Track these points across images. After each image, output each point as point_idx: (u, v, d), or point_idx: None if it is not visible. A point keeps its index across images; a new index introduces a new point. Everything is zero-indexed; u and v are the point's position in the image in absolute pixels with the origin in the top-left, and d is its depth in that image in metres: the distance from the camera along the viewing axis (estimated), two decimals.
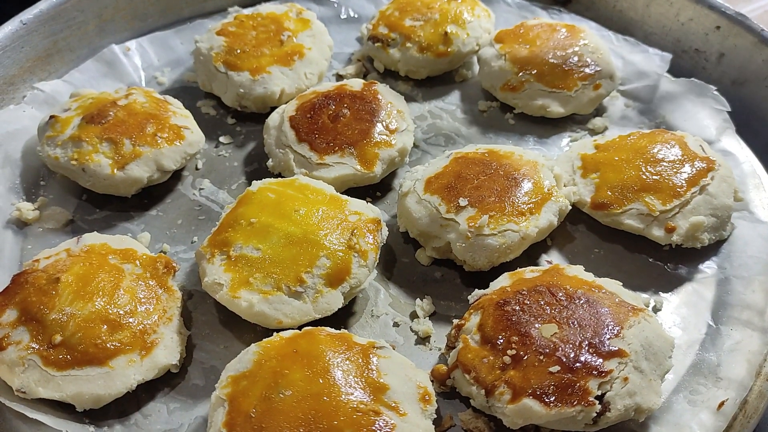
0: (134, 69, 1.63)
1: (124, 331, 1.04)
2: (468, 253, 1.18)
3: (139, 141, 1.31)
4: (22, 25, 1.51)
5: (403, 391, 0.97)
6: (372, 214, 1.21)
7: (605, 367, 0.96)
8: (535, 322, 1.02)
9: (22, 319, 1.03)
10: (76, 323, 1.03)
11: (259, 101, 1.50)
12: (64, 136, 1.32)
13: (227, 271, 1.11)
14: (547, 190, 1.24)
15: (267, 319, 1.08)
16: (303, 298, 1.09)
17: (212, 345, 1.14)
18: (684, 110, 1.51)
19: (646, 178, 1.25)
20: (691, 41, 1.64)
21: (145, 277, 1.13)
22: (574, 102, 1.50)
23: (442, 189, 1.24)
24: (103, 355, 1.01)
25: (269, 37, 1.57)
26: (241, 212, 1.18)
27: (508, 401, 0.96)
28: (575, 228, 1.31)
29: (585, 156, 1.33)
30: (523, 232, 1.18)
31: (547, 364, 0.97)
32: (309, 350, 1.00)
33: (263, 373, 0.97)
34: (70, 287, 1.06)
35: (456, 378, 1.04)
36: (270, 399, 0.93)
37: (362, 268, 1.14)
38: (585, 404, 0.93)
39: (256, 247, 1.13)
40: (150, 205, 1.36)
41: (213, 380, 1.08)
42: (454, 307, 1.20)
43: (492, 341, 1.02)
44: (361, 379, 0.97)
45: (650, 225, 1.22)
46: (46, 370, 1.00)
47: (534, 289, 1.08)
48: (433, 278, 1.24)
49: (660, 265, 1.24)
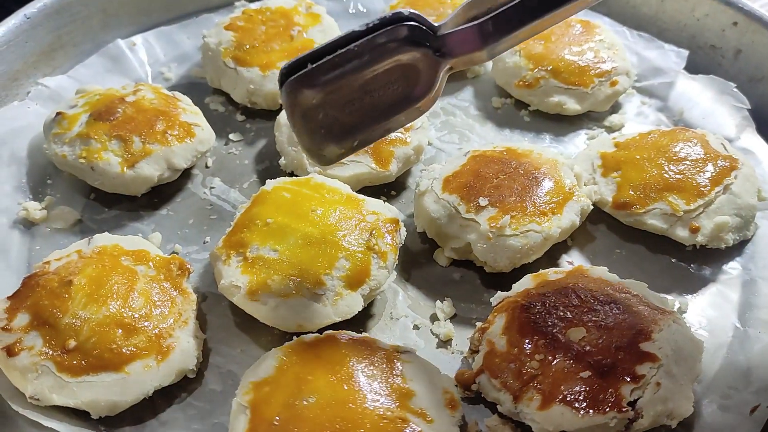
0: (140, 64, 1.59)
1: (139, 335, 1.01)
2: (489, 254, 1.16)
3: (148, 139, 1.28)
4: (25, 19, 1.48)
5: (428, 397, 0.95)
6: (390, 214, 1.18)
7: (638, 373, 0.93)
8: (563, 325, 1.00)
9: (35, 323, 1.00)
10: (91, 327, 0.99)
11: (270, 98, 1.47)
12: (72, 133, 1.28)
13: (244, 272, 1.08)
14: (568, 189, 1.21)
15: (286, 323, 1.05)
16: (323, 301, 1.06)
17: (228, 349, 1.11)
18: (702, 107, 1.49)
19: (669, 177, 1.23)
20: (707, 37, 1.62)
21: (159, 279, 1.10)
22: (591, 99, 1.47)
23: (461, 188, 1.21)
24: (118, 360, 0.98)
25: (279, 32, 1.54)
26: (256, 212, 1.15)
27: (537, 407, 0.94)
28: (595, 228, 1.29)
29: (605, 154, 1.31)
30: (545, 232, 1.15)
31: (577, 369, 0.95)
32: (332, 355, 0.97)
33: (286, 379, 0.95)
34: (83, 290, 1.03)
35: (482, 383, 1.01)
36: (294, 406, 0.91)
37: (382, 270, 1.11)
38: (618, 411, 0.90)
39: (273, 248, 1.10)
40: (160, 205, 1.33)
41: (231, 385, 1.06)
42: (474, 309, 1.17)
43: (518, 345, 1.00)
44: (386, 385, 0.95)
45: (674, 225, 1.20)
46: (60, 376, 0.96)
47: (559, 291, 1.05)
48: (451, 279, 1.22)
49: (683, 266, 1.22)
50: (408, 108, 0.93)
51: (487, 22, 0.88)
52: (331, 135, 0.91)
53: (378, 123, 0.94)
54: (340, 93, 0.87)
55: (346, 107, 0.89)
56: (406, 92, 0.92)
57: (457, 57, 0.91)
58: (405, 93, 0.92)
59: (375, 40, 0.85)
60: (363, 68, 0.86)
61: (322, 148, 0.92)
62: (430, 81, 0.91)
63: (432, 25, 0.90)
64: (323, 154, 0.93)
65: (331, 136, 0.91)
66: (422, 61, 0.90)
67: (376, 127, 0.94)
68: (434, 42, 0.89)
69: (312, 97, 0.85)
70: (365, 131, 0.93)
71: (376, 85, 0.89)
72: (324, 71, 0.84)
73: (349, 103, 0.89)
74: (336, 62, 0.84)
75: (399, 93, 0.92)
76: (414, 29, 0.87)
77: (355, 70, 0.86)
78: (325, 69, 0.84)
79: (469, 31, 0.88)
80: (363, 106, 0.90)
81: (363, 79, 0.87)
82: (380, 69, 0.88)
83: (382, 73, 0.88)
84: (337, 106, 0.88)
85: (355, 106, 0.90)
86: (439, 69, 0.91)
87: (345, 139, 0.93)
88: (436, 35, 0.89)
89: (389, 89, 0.90)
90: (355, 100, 0.89)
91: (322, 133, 0.90)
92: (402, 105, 0.93)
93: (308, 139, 0.91)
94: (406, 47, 0.87)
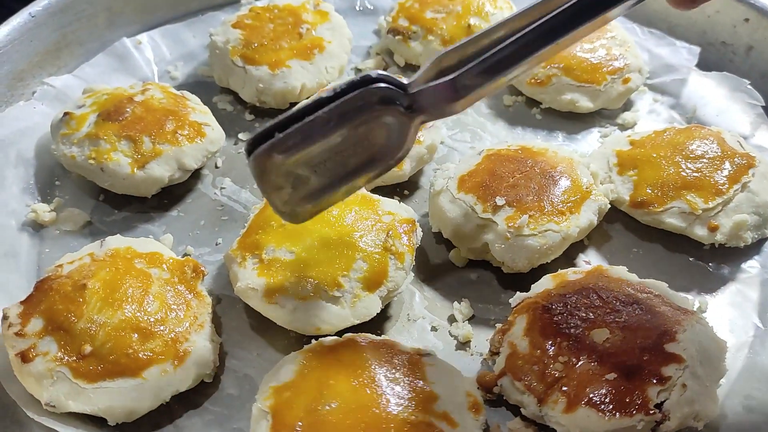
0: (146, 63, 1.57)
1: (155, 339, 0.99)
2: (507, 254, 1.14)
3: (159, 139, 1.26)
4: (30, 17, 1.45)
5: (452, 401, 0.94)
6: (406, 214, 1.16)
7: (664, 374, 0.92)
8: (585, 326, 0.99)
9: (49, 328, 0.98)
10: (106, 332, 0.98)
11: (279, 96, 1.45)
12: (80, 133, 1.26)
13: (261, 275, 1.06)
14: (585, 188, 1.20)
15: (304, 326, 1.04)
16: (341, 303, 1.05)
17: (244, 352, 1.09)
18: (716, 105, 1.48)
19: (687, 175, 1.21)
20: (718, 33, 1.61)
21: (173, 282, 1.08)
22: (604, 96, 1.46)
23: (477, 187, 1.20)
24: (135, 365, 0.96)
25: (287, 29, 1.52)
26: (271, 213, 1.13)
27: (562, 410, 0.92)
28: (611, 227, 1.27)
29: (621, 153, 1.30)
30: (564, 232, 1.14)
31: (602, 370, 0.93)
32: (353, 359, 0.96)
33: (307, 384, 0.93)
34: (98, 294, 1.01)
35: (504, 385, 1.00)
36: (316, 411, 0.89)
37: (399, 271, 1.09)
38: (645, 413, 0.89)
39: (289, 249, 1.08)
40: (170, 206, 1.31)
41: (248, 390, 1.04)
42: (492, 310, 1.16)
43: (541, 347, 0.98)
44: (409, 388, 0.93)
45: (692, 224, 1.19)
46: (77, 382, 0.95)
47: (580, 291, 1.04)
48: (468, 280, 1.20)
49: (701, 265, 1.21)
50: (379, 164, 0.93)
51: (460, 77, 0.86)
52: (303, 197, 0.91)
53: (349, 180, 0.93)
54: (309, 158, 0.87)
55: (316, 169, 0.89)
56: (378, 149, 0.91)
57: (430, 112, 0.90)
58: (376, 150, 0.91)
59: (344, 106, 0.84)
60: (331, 133, 0.85)
61: (295, 209, 0.93)
62: (402, 136, 0.91)
63: (401, 83, 0.89)
64: (297, 214, 0.94)
65: (303, 197, 0.92)
66: (393, 120, 0.89)
67: (348, 184, 0.94)
68: (405, 100, 0.88)
69: (281, 165, 0.85)
70: (337, 190, 0.93)
71: (346, 146, 0.89)
72: (292, 139, 0.83)
73: (319, 165, 0.89)
74: (304, 130, 0.83)
75: (370, 151, 0.91)
76: (383, 90, 0.86)
77: (323, 136, 0.85)
78: (293, 137, 0.83)
79: (442, 87, 0.87)
80: (333, 167, 0.90)
81: (332, 143, 0.87)
82: (350, 131, 0.87)
83: (351, 134, 0.87)
84: (307, 170, 0.88)
85: (326, 167, 0.89)
86: (411, 125, 0.91)
87: (316, 198, 0.93)
88: (407, 92, 0.88)
89: (360, 148, 0.90)
90: (325, 161, 0.89)
91: (294, 196, 0.90)
92: (373, 162, 0.93)
93: (280, 204, 0.91)
94: (376, 109, 0.86)
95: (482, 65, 0.87)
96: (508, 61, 0.88)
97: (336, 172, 0.91)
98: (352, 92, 0.84)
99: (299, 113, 0.84)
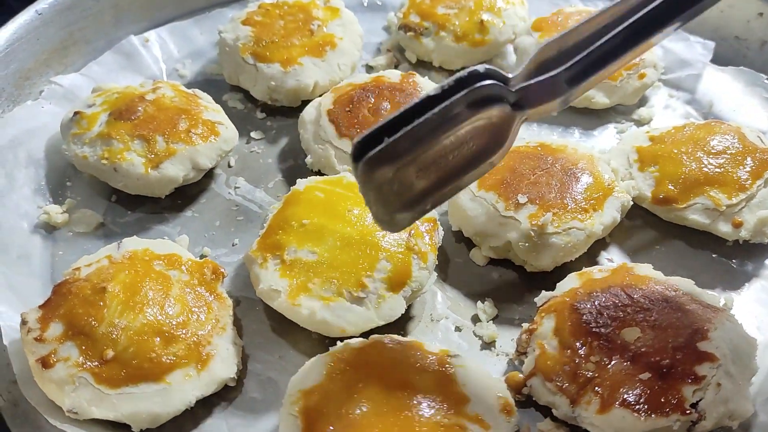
0: (154, 61, 1.54)
1: (178, 343, 0.97)
2: (531, 253, 1.13)
3: (172, 138, 1.24)
4: (37, 15, 1.42)
5: (483, 403, 0.92)
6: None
7: (698, 373, 0.91)
8: (616, 325, 0.97)
9: (69, 333, 0.96)
10: (128, 336, 0.95)
11: (291, 94, 1.43)
12: (92, 133, 1.24)
13: (283, 276, 1.05)
14: (607, 185, 1.19)
15: (329, 328, 1.02)
16: (365, 304, 1.03)
17: (267, 355, 1.07)
18: (732, 100, 1.47)
19: (709, 171, 1.20)
20: (731, 29, 1.60)
21: (193, 285, 1.06)
22: (620, 92, 1.44)
23: (498, 185, 1.18)
24: (158, 370, 0.94)
25: (298, 26, 1.49)
26: (290, 213, 1.11)
27: (596, 411, 0.91)
28: (632, 223, 1.26)
29: (641, 149, 1.28)
30: (588, 229, 1.13)
31: (635, 370, 0.92)
32: (382, 361, 0.94)
33: (336, 387, 0.91)
34: (118, 297, 0.99)
35: (534, 386, 0.98)
36: (347, 415, 0.87)
37: (422, 271, 1.08)
38: (681, 413, 0.88)
39: (311, 250, 1.06)
40: (184, 206, 1.29)
41: (271, 393, 1.03)
42: (516, 309, 1.14)
43: (572, 347, 0.97)
44: (440, 391, 0.92)
45: (716, 220, 1.18)
46: (99, 388, 0.92)
47: (608, 290, 1.03)
48: (490, 279, 1.19)
49: (725, 262, 1.20)
50: (481, 164, 0.89)
51: (564, 72, 0.84)
52: (403, 203, 0.86)
53: (450, 184, 0.89)
54: (416, 162, 0.83)
55: (420, 174, 0.84)
56: (480, 149, 0.88)
57: (535, 109, 0.87)
58: (478, 150, 0.88)
59: (453, 107, 0.80)
60: (441, 135, 0.82)
61: (394, 216, 0.87)
62: (504, 134, 0.88)
63: (505, 76, 0.86)
64: (395, 222, 0.88)
65: (403, 203, 0.87)
66: (499, 118, 0.86)
67: (448, 188, 0.89)
68: (510, 96, 0.85)
69: (389, 171, 0.81)
70: (437, 194, 0.89)
71: (452, 148, 0.85)
72: (402, 144, 0.78)
73: (423, 170, 0.84)
74: (414, 133, 0.79)
75: (473, 151, 0.87)
76: (492, 88, 0.82)
77: (433, 139, 0.81)
78: (403, 141, 0.78)
79: (547, 83, 0.85)
80: (437, 171, 0.86)
81: (440, 146, 0.83)
82: (457, 133, 0.83)
83: (458, 136, 0.84)
84: (411, 175, 0.84)
85: (429, 171, 0.85)
86: (514, 122, 0.88)
87: (417, 204, 0.88)
88: (511, 89, 0.85)
89: (464, 149, 0.86)
90: (429, 165, 0.84)
91: (395, 203, 0.85)
92: (475, 162, 0.89)
93: (381, 210, 0.86)
94: (485, 108, 0.83)
95: (586, 61, 0.85)
96: (612, 55, 0.85)
97: (439, 175, 0.87)
98: (461, 91, 0.80)
99: (407, 114, 0.79)
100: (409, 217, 0.89)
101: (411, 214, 0.89)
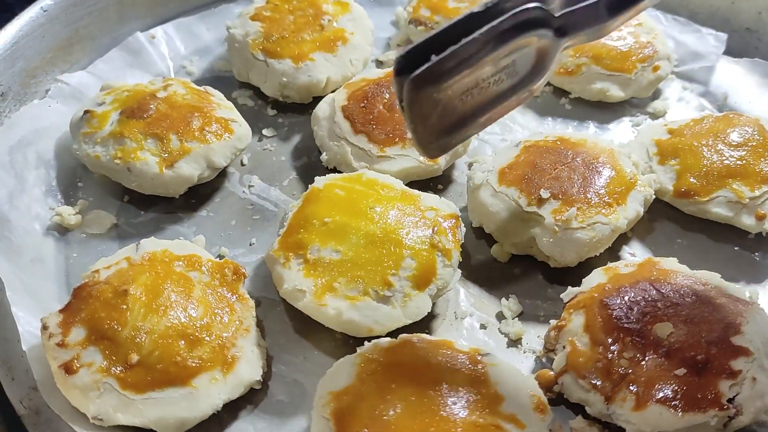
0: (161, 58, 1.51)
1: (203, 346, 0.95)
2: (556, 248, 1.11)
3: (186, 136, 1.21)
4: (42, 12, 1.39)
5: (517, 402, 0.91)
6: (449, 210, 1.13)
7: (734, 368, 0.90)
8: (647, 321, 0.96)
9: (92, 337, 0.93)
10: (152, 340, 0.93)
11: (303, 90, 1.41)
12: (103, 132, 1.21)
13: (307, 276, 1.03)
14: (629, 178, 1.18)
15: (357, 328, 1.00)
16: (392, 303, 1.01)
17: (291, 356, 1.05)
18: (747, 92, 1.46)
19: (730, 163, 1.20)
20: (741, 20, 1.59)
21: (215, 286, 1.03)
22: (634, 85, 1.44)
23: (519, 180, 1.17)
24: (184, 374, 0.92)
25: (308, 21, 1.47)
26: (311, 211, 1.09)
27: (632, 408, 0.90)
28: (653, 217, 1.25)
29: (660, 142, 1.27)
30: (613, 224, 1.12)
31: (670, 366, 0.91)
32: (413, 361, 0.93)
33: (367, 388, 0.90)
34: (140, 300, 0.96)
35: (566, 384, 0.97)
36: (381, 417, 0.86)
37: (447, 268, 1.06)
38: (719, 409, 0.87)
39: (335, 249, 1.04)
40: (198, 206, 1.26)
41: (298, 395, 1.01)
42: (541, 305, 1.13)
43: (603, 343, 0.96)
44: (473, 390, 0.90)
45: (739, 213, 1.17)
46: (125, 393, 0.90)
47: (636, 285, 1.02)
48: (512, 275, 1.17)
49: (748, 254, 1.20)
50: (520, 91, 0.88)
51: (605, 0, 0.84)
52: (445, 127, 0.84)
53: (490, 110, 0.87)
54: (461, 83, 0.81)
55: (463, 97, 0.82)
56: (522, 75, 0.86)
57: (578, 35, 0.86)
58: (521, 76, 0.86)
59: (500, 26, 0.78)
60: (487, 57, 0.80)
61: (435, 140, 0.85)
62: (546, 62, 0.86)
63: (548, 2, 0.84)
64: (434, 147, 0.86)
65: (445, 127, 0.84)
66: (543, 43, 0.84)
67: (488, 115, 0.88)
68: (554, 21, 0.84)
69: (434, 91, 0.78)
70: (477, 120, 0.87)
71: (495, 71, 0.83)
72: (449, 63, 0.76)
73: (466, 93, 0.82)
74: (461, 53, 0.76)
75: (515, 77, 0.86)
76: (537, 11, 0.81)
77: (478, 60, 0.79)
78: (450, 61, 0.76)
79: (593, 8, 0.84)
80: (479, 95, 0.84)
81: (485, 68, 0.81)
82: (503, 55, 0.82)
83: (503, 58, 0.82)
84: (455, 97, 0.81)
85: (472, 94, 0.83)
86: (556, 49, 0.86)
87: (458, 130, 0.86)
88: (555, 15, 0.84)
89: (506, 74, 0.84)
90: (473, 88, 0.82)
91: (437, 126, 0.83)
92: (515, 89, 0.87)
93: (423, 133, 0.83)
94: (532, 30, 0.81)
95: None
96: None
97: (481, 99, 0.84)
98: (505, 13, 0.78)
99: (452, 33, 0.76)
100: (451, 141, 0.88)
101: (451, 139, 0.87)
